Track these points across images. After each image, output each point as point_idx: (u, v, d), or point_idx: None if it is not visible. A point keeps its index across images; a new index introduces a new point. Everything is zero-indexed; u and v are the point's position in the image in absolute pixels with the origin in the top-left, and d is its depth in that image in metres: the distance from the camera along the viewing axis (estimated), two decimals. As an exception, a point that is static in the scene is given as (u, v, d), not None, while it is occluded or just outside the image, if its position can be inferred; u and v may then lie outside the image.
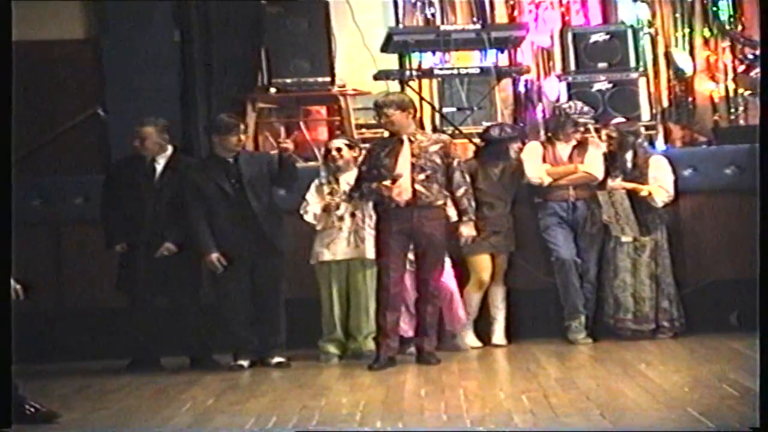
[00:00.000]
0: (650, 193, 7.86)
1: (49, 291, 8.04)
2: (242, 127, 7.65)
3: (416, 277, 7.43)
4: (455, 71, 9.05)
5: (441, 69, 9.19)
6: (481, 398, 6.08)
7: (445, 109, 9.22)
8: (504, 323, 8.05)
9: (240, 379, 7.20)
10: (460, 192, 7.36)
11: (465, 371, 7.11)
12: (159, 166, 7.70)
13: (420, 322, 7.43)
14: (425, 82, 9.15)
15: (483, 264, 7.94)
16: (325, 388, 6.76)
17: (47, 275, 8.09)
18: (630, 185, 7.88)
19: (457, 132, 8.75)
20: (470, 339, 7.92)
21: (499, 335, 8.02)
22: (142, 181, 7.65)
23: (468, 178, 7.48)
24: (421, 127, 8.33)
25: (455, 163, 7.38)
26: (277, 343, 7.59)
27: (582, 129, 8.06)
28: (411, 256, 7.43)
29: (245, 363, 7.51)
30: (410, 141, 7.29)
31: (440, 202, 7.31)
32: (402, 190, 7.20)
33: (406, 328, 7.59)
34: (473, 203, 7.45)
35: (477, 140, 8.33)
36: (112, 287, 7.76)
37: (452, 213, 7.44)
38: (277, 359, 7.54)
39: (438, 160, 7.30)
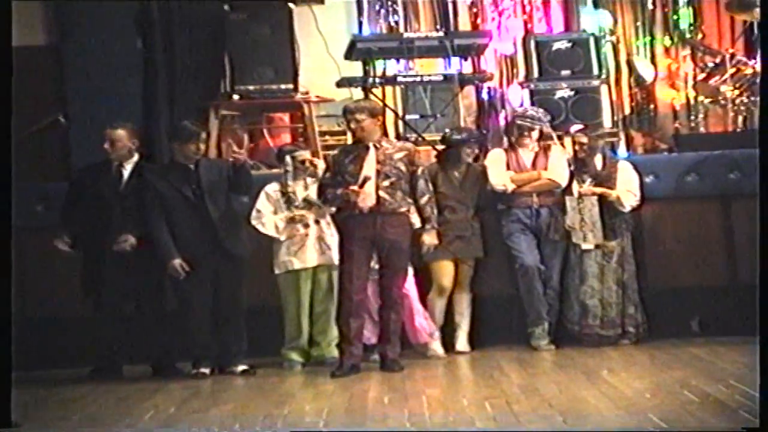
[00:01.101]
0: (618, 198, 7.92)
1: (8, 299, 7.95)
2: (203, 134, 7.63)
3: (379, 284, 7.43)
4: (419, 78, 9.07)
5: (404, 76, 9.20)
6: (444, 405, 6.09)
7: (408, 117, 9.23)
8: (467, 330, 8.06)
9: (202, 387, 7.17)
10: (423, 200, 7.38)
11: (429, 378, 7.11)
12: (126, 172, 7.66)
13: (383, 330, 7.43)
14: (389, 89, 9.16)
15: (444, 270, 7.95)
16: (288, 395, 6.75)
17: (8, 283, 8.00)
18: (600, 190, 7.93)
19: (420, 139, 8.76)
20: (436, 346, 7.92)
21: (462, 342, 8.03)
22: (107, 188, 7.62)
23: (431, 187, 7.50)
24: (385, 134, 8.33)
25: (419, 171, 7.40)
26: (239, 350, 7.57)
27: (527, 133, 8.07)
28: (374, 263, 7.43)
29: (206, 370, 7.49)
30: (376, 148, 7.30)
31: (404, 209, 7.33)
32: (366, 197, 7.21)
33: (369, 335, 7.59)
34: (436, 212, 7.48)
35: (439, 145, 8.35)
36: (74, 295, 7.71)
37: (416, 220, 7.46)
38: (241, 367, 7.52)
39: (402, 168, 7.32)
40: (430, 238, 7.45)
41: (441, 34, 9.16)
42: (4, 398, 2.21)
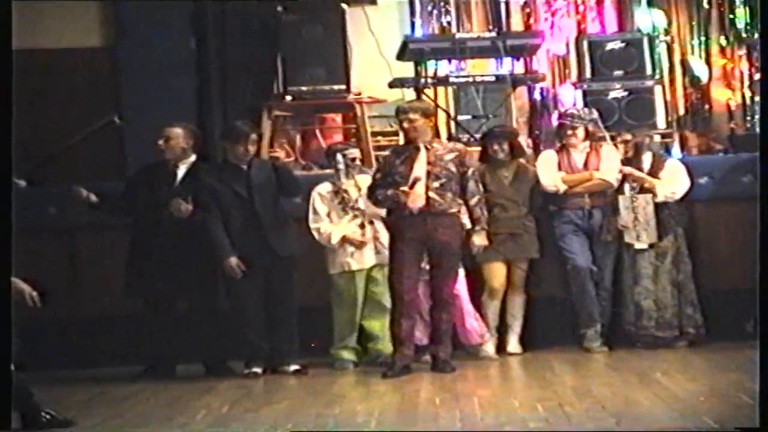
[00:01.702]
0: (653, 186, 7.85)
1: (64, 298, 8.04)
2: (254, 135, 7.64)
3: (430, 285, 7.42)
4: (470, 79, 9.05)
5: (456, 77, 9.18)
6: (496, 406, 6.06)
7: (460, 117, 9.21)
8: (519, 332, 8.02)
9: (254, 387, 7.19)
10: (473, 201, 7.37)
11: (480, 379, 7.09)
12: (180, 172, 7.71)
13: (434, 330, 7.42)
14: (440, 89, 9.14)
15: (495, 272, 7.92)
16: (339, 395, 6.76)
17: (63, 282, 8.10)
18: (637, 173, 7.87)
19: (472, 140, 8.74)
20: (488, 348, 7.90)
21: (514, 343, 8.00)
22: (162, 187, 7.67)
23: (482, 188, 7.48)
24: (436, 135, 8.32)
25: (470, 172, 7.39)
26: (291, 350, 7.59)
27: (570, 132, 8.01)
28: (425, 264, 7.42)
29: (258, 370, 7.52)
30: (426, 149, 7.29)
31: (454, 210, 7.31)
32: (416, 197, 7.20)
33: (421, 336, 7.58)
34: (486, 213, 7.46)
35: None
36: (133, 295, 7.77)
37: (466, 221, 7.44)
38: (293, 367, 7.54)
39: (453, 169, 7.30)
40: (479, 239, 7.43)
41: (493, 34, 9.12)
42: (4, 400, 2.22)
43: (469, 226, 7.43)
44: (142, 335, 7.78)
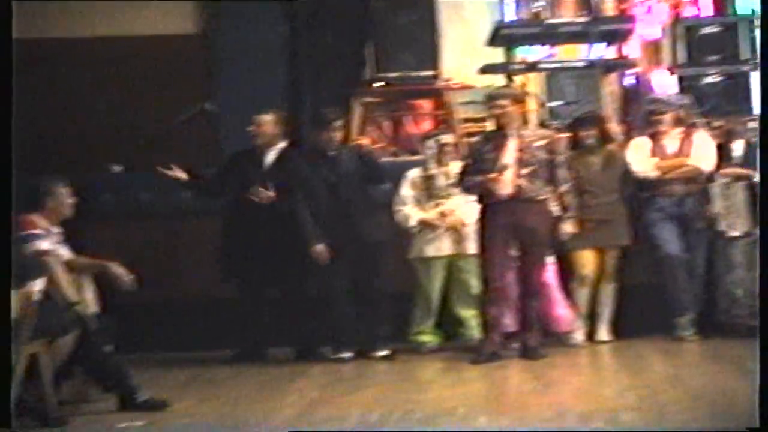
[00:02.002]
0: (748, 174, 7.73)
1: (159, 282, 8.18)
2: (339, 121, 7.67)
3: (519, 272, 7.40)
4: (561, 65, 8.98)
5: (547, 63, 9.12)
6: (587, 393, 6.03)
7: (550, 103, 9.15)
8: (610, 319, 7.97)
9: (344, 372, 7.25)
10: (563, 188, 7.33)
11: (570, 367, 7.06)
12: (269, 159, 7.79)
13: (524, 318, 7.40)
14: (531, 75, 9.09)
15: (585, 260, 7.87)
16: (428, 381, 6.79)
17: (157, 267, 8.23)
18: (740, 171, 7.76)
19: (562, 126, 8.68)
20: (578, 335, 7.86)
21: (603, 331, 7.94)
22: (251, 173, 7.75)
23: (571, 175, 7.43)
24: (526, 121, 8.29)
25: (559, 158, 7.34)
26: (381, 336, 7.64)
27: (657, 117, 7.90)
28: (515, 251, 7.41)
29: (348, 355, 7.57)
30: (516, 135, 7.27)
31: (543, 197, 7.28)
32: (505, 184, 7.18)
33: (510, 323, 7.57)
34: (575, 200, 7.41)
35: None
36: (226, 279, 7.87)
37: (556, 208, 7.41)
38: (381, 352, 7.58)
39: (543, 155, 7.27)
40: (569, 227, 7.39)
41: (585, 19, 9.04)
42: (3, 398, 2.27)
43: (558, 213, 7.40)
44: (235, 319, 7.89)
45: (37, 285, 5.88)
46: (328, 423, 5.56)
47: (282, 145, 7.83)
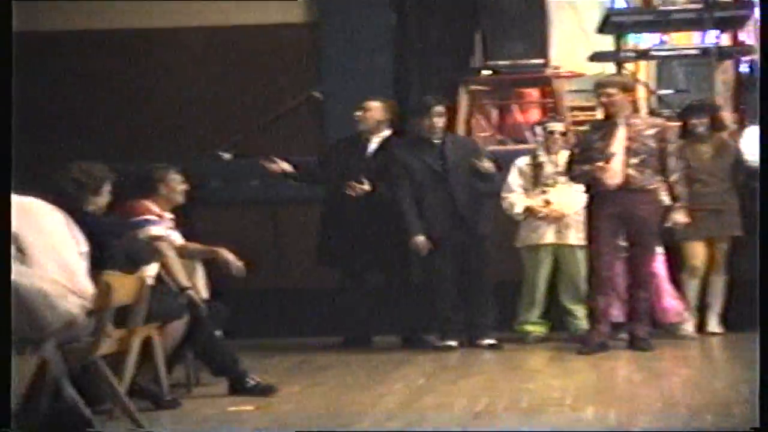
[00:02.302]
0: None
1: (266, 269, 8.27)
2: (439, 107, 7.62)
3: (628, 263, 7.32)
4: (674, 52, 8.83)
5: (659, 50, 8.98)
6: (698, 385, 5.94)
7: (661, 92, 9.01)
8: (720, 311, 7.83)
9: (450, 360, 7.25)
10: (674, 177, 7.22)
11: (679, 358, 6.96)
12: (372, 146, 7.81)
13: (632, 308, 7.32)
14: (642, 63, 8.96)
15: (695, 251, 7.74)
16: (535, 371, 6.76)
17: (265, 253, 8.32)
18: None
19: (673, 115, 8.54)
20: (687, 327, 7.74)
21: (714, 323, 7.81)
22: (353, 160, 7.78)
23: (682, 164, 7.32)
24: (636, 110, 8.18)
25: (670, 147, 7.24)
26: (487, 324, 7.62)
27: None
28: (623, 241, 7.32)
29: (454, 343, 7.56)
30: (625, 124, 7.18)
31: (653, 187, 7.18)
32: (614, 174, 7.10)
33: (618, 313, 7.49)
34: (686, 190, 7.29)
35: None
36: (325, 266, 7.92)
37: (666, 198, 7.30)
38: (488, 341, 7.56)
39: (653, 144, 7.17)
40: (680, 216, 7.28)
41: (699, 5, 8.87)
42: (3, 398, 2.33)
43: (668, 202, 7.29)
44: (340, 307, 7.94)
45: (151, 270, 5.99)
46: (434, 410, 5.56)
47: (386, 133, 7.84)
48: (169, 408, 5.71)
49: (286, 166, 7.87)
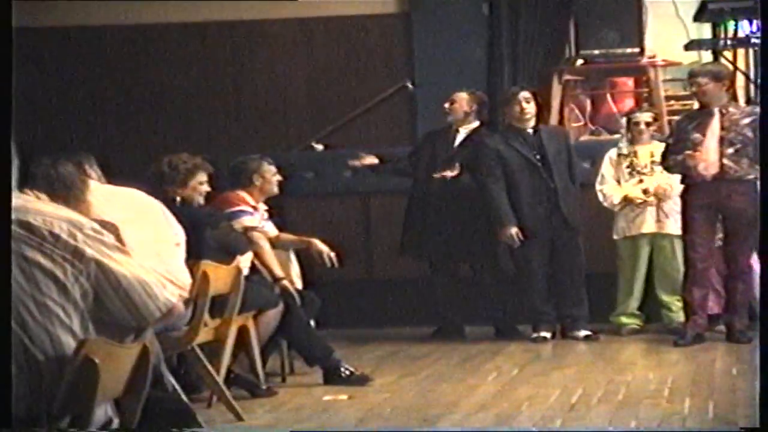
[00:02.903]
0: None
1: (358, 259, 8.30)
2: (527, 93, 7.56)
3: (725, 254, 7.20)
4: (772, 40, 8.63)
5: (758, 37, 8.78)
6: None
7: (760, 80, 8.82)
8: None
9: (543, 351, 7.22)
10: None
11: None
12: (460, 136, 7.79)
13: (730, 300, 7.20)
14: (740, 51, 8.78)
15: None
16: (630, 362, 6.69)
17: (357, 244, 8.36)
18: None
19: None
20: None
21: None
22: (441, 151, 7.77)
23: None
24: (735, 98, 8.03)
25: None
26: (581, 315, 7.56)
27: None
28: (721, 233, 7.21)
29: (547, 334, 7.52)
30: (721, 113, 7.05)
31: (751, 177, 7.04)
32: (709, 165, 6.98)
33: (713, 305, 7.37)
34: None
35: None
36: (409, 257, 7.91)
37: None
38: (583, 332, 7.51)
39: (750, 134, 7.03)
40: None
41: (802, -9, 8.66)
42: (4, 397, 2.34)
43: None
44: (431, 297, 7.94)
45: (245, 260, 6.05)
46: (528, 401, 5.54)
47: (475, 124, 7.80)
48: (265, 397, 5.77)
49: (371, 160, 7.89)
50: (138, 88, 9.06)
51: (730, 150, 7.01)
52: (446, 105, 7.79)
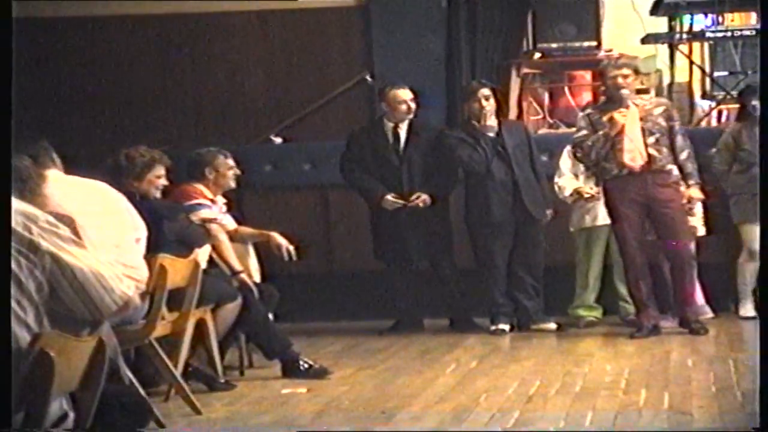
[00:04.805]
0: None
1: (317, 253, 8.29)
2: (486, 90, 7.57)
3: (664, 246, 7.22)
4: (729, 33, 8.71)
5: (713, 31, 8.86)
6: (752, 371, 5.87)
7: (716, 74, 8.90)
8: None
9: (501, 343, 7.24)
10: (683, 155, 7.14)
11: (736, 342, 6.89)
12: (402, 132, 7.75)
13: (678, 291, 7.23)
14: (696, 45, 8.86)
15: (753, 234, 7.65)
16: (587, 354, 6.73)
17: (315, 238, 8.34)
18: None
19: (728, 97, 8.44)
20: (747, 310, 7.67)
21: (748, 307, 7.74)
22: (383, 148, 7.73)
23: (689, 141, 7.22)
24: (690, 92, 8.11)
25: (677, 126, 7.18)
26: (538, 308, 7.60)
27: None
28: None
29: (505, 327, 7.55)
30: (635, 105, 7.11)
31: (671, 166, 7.10)
32: (635, 155, 7.03)
33: (664, 296, 7.42)
34: (696, 166, 7.18)
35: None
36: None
37: (677, 176, 7.23)
38: (541, 325, 7.54)
39: (663, 123, 7.12)
40: (696, 193, 7.18)
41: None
42: (4, 398, 2.34)
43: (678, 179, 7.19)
44: (390, 290, 7.94)
45: (203, 253, 6.03)
46: (486, 393, 5.56)
47: (410, 116, 7.75)
48: (224, 390, 5.76)
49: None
50: (95, 79, 9.00)
51: (651, 139, 7.06)
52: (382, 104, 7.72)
